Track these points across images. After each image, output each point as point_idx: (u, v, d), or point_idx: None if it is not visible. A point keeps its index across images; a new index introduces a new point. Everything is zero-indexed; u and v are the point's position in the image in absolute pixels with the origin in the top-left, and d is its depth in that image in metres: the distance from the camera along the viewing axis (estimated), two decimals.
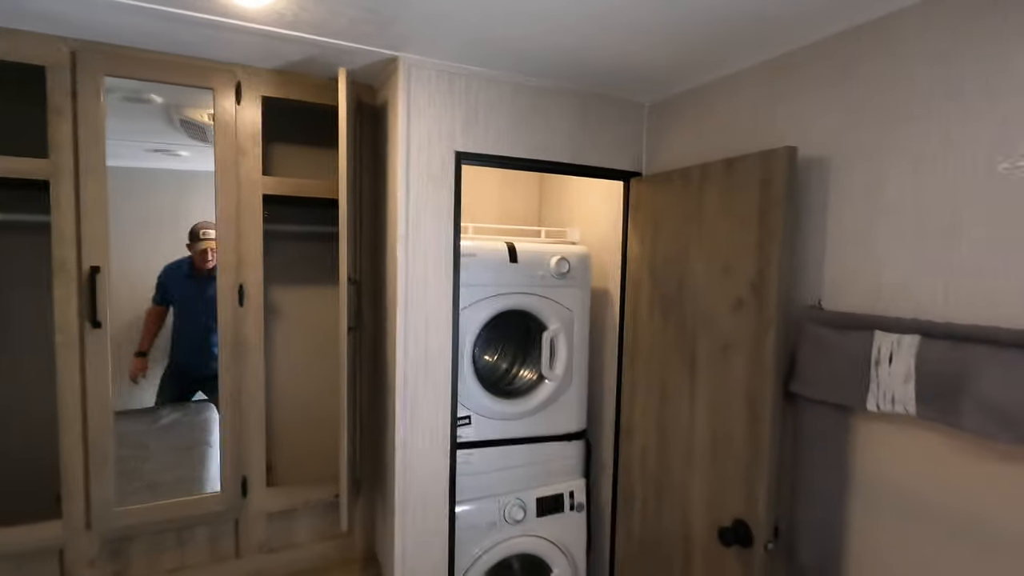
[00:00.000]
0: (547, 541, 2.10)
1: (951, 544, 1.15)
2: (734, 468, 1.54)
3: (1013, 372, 0.99)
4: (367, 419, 2.00)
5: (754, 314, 1.48)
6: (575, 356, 2.15)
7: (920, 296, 1.20)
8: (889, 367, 1.18)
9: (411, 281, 1.70)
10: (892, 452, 1.25)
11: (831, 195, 1.40)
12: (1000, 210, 1.08)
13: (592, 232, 2.35)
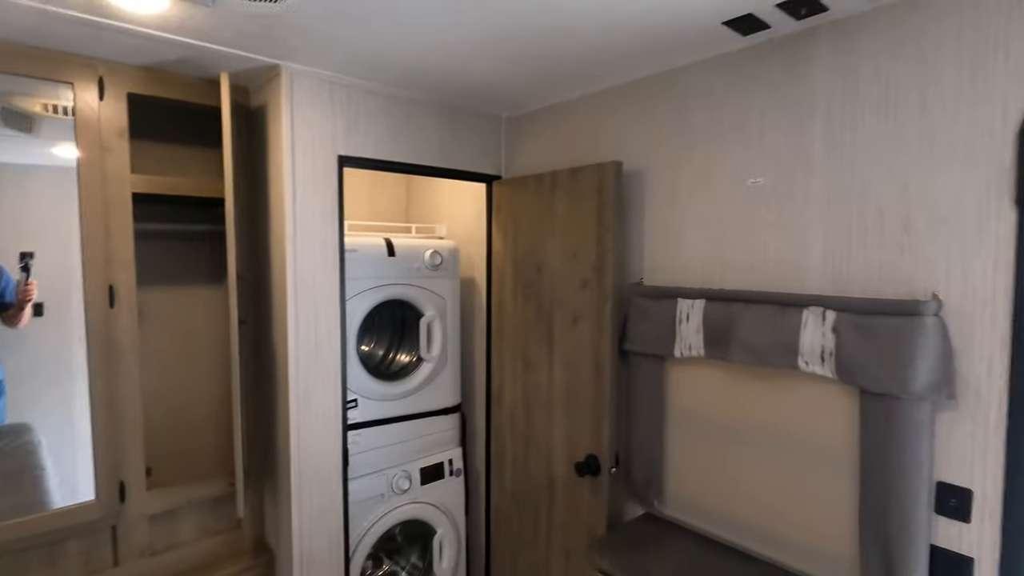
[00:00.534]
0: (431, 506, 2.34)
1: (723, 439, 1.64)
2: (584, 414, 1.94)
3: (757, 320, 1.48)
4: (250, 412, 2.05)
5: (596, 291, 1.88)
6: (449, 339, 2.42)
7: (705, 271, 1.68)
8: (687, 324, 1.65)
9: (300, 276, 1.82)
10: (690, 386, 1.73)
11: (646, 199, 1.85)
12: (748, 212, 1.58)
13: (458, 228, 2.63)
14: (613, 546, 1.67)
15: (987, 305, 1.20)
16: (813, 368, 1.39)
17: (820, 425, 1.44)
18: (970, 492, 1.23)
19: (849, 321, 1.32)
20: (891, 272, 1.32)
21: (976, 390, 1.22)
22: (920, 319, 1.22)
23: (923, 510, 1.26)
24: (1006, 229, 1.17)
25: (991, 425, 1.20)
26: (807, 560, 1.48)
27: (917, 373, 1.22)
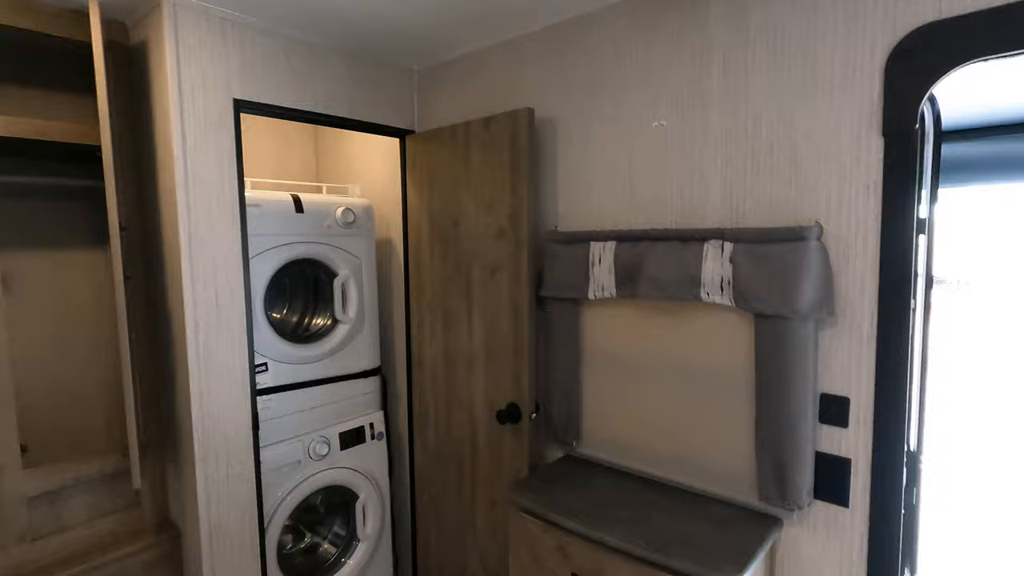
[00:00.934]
0: (352, 470, 2.28)
1: (636, 374, 1.71)
2: (505, 364, 1.95)
3: (663, 257, 1.54)
4: (146, 379, 1.90)
5: (512, 241, 1.89)
6: (366, 300, 2.34)
7: (615, 214, 1.73)
8: (600, 266, 1.69)
9: (195, 230, 1.69)
10: (604, 327, 1.78)
11: (559, 147, 1.86)
12: (654, 155, 1.64)
13: (371, 188, 2.55)
14: (534, 486, 1.71)
15: (860, 229, 1.32)
16: (714, 298, 1.47)
17: (722, 352, 1.53)
18: (847, 400, 1.36)
19: (744, 251, 1.41)
20: (781, 203, 1.42)
21: (851, 307, 1.34)
22: (805, 244, 1.32)
23: (809, 420, 1.38)
24: (875, 158, 1.28)
25: (864, 338, 1.33)
26: (714, 481, 1.59)
27: (802, 294, 1.32)
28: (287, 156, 2.76)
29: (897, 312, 1.29)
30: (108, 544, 1.83)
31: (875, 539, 1.36)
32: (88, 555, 1.77)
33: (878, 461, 1.34)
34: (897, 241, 1.27)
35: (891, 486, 1.33)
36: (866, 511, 1.36)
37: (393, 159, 2.40)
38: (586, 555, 1.47)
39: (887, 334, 1.31)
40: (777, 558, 1.48)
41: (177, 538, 1.91)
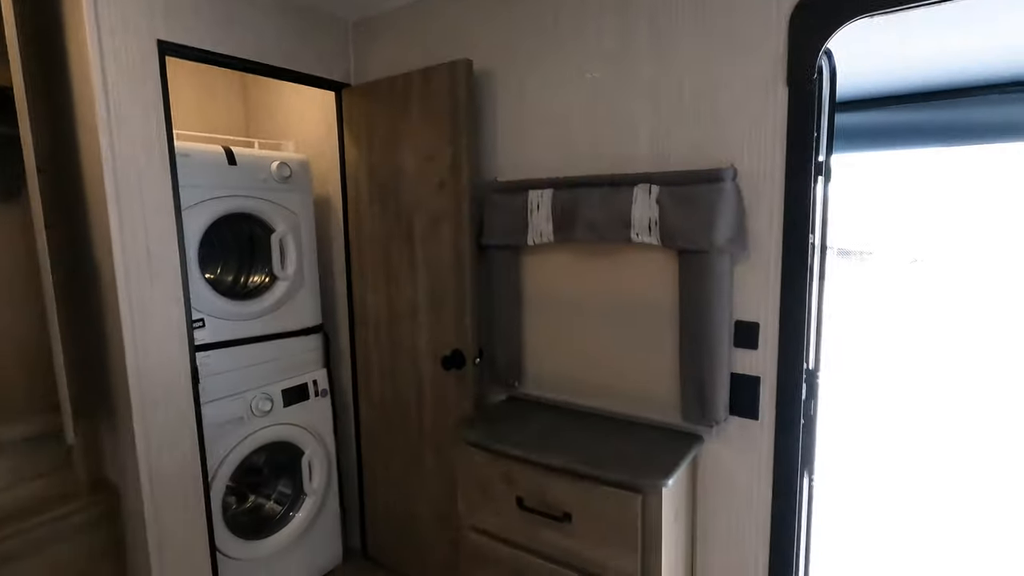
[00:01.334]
0: (297, 427, 2.29)
1: (572, 315, 1.83)
2: (448, 313, 2.01)
3: (597, 201, 1.65)
4: (72, 334, 1.81)
5: (453, 191, 1.93)
6: (305, 257, 2.32)
7: (551, 163, 1.81)
8: (538, 213, 1.77)
9: (122, 177, 1.62)
10: (543, 271, 1.88)
11: (498, 98, 1.92)
12: (587, 106, 1.73)
13: (308, 144, 2.50)
14: (479, 423, 1.80)
15: (768, 171, 1.47)
16: (643, 238, 1.59)
17: (650, 289, 1.67)
18: (757, 325, 1.53)
19: (669, 193, 1.53)
20: (701, 148, 1.55)
21: (761, 243, 1.50)
22: (722, 184, 1.46)
23: (725, 344, 1.54)
24: (780, 106, 1.43)
25: (771, 270, 1.50)
26: (644, 407, 1.74)
27: (720, 230, 1.47)
28: (212, 110, 2.64)
29: (799, 247, 1.46)
30: (34, 509, 1.76)
31: (780, 447, 1.55)
32: (12, 522, 1.70)
33: (782, 379, 1.53)
34: (799, 182, 1.43)
35: (792, 400, 1.52)
36: (772, 423, 1.55)
37: (329, 114, 2.36)
38: (530, 479, 1.58)
39: (790, 267, 1.48)
40: (699, 469, 1.66)
41: (114, 498, 1.86)
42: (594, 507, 1.47)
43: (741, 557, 1.62)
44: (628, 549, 1.43)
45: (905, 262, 14.66)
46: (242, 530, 2.17)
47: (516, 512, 1.61)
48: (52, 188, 1.66)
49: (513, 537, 1.64)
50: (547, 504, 1.54)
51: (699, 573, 1.69)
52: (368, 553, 2.53)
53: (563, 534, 1.54)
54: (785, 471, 1.55)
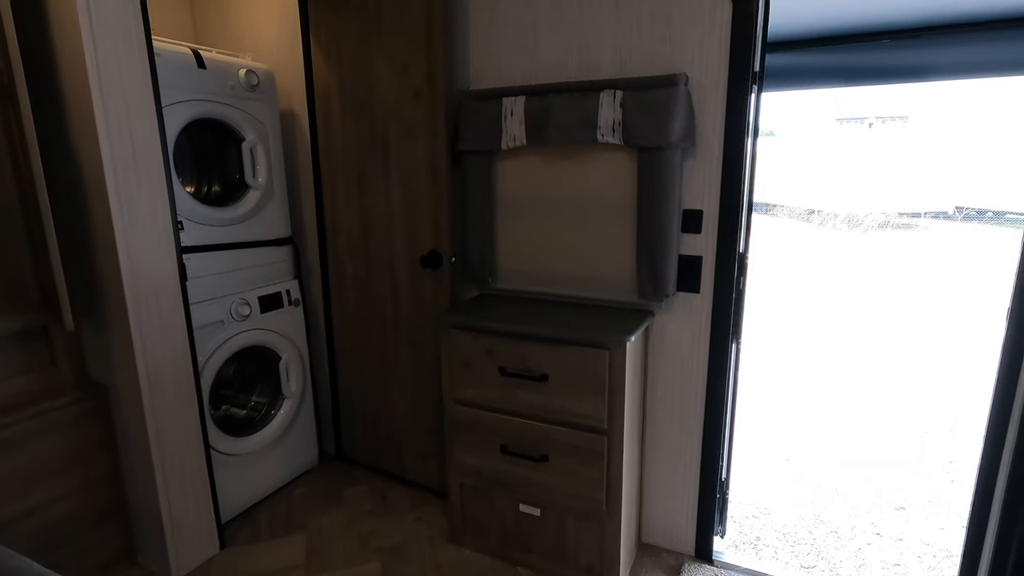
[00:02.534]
0: (273, 332, 2.39)
1: (542, 214, 2.05)
2: (425, 217, 2.17)
3: (567, 106, 1.85)
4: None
5: (429, 101, 2.06)
6: (274, 168, 2.37)
7: (524, 71, 1.98)
8: (512, 118, 1.95)
9: (103, 64, 1.62)
10: (515, 174, 2.07)
11: (471, 11, 2.04)
12: (555, 15, 1.90)
13: (265, 56, 2.49)
14: (459, 311, 2.01)
15: (714, 78, 1.73)
16: (607, 138, 1.82)
17: (612, 185, 1.91)
18: (701, 212, 1.83)
19: (631, 97, 1.76)
20: (658, 57, 1.78)
21: (706, 140, 1.77)
22: (676, 89, 1.71)
23: (675, 229, 1.83)
24: (726, 21, 1.68)
25: (713, 164, 1.78)
26: (607, 289, 2.01)
27: (674, 129, 1.72)
28: (155, 17, 2.53)
29: (737, 145, 1.74)
30: (26, 401, 1.78)
31: (716, 316, 1.88)
32: (5, 412, 1.73)
33: (720, 258, 1.84)
34: (739, 89, 1.70)
35: (727, 277, 1.84)
36: (711, 296, 1.87)
37: (289, 25, 2.37)
38: (511, 350, 1.82)
39: (729, 163, 1.76)
40: (651, 338, 1.97)
41: (103, 394, 1.92)
42: (568, 366, 1.74)
43: (683, 403, 1.96)
44: (597, 396, 1.72)
45: (804, 213, 15.94)
46: (227, 429, 2.28)
47: (497, 380, 1.85)
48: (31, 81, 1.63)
49: (495, 403, 1.89)
50: (527, 368, 1.79)
51: (649, 415, 2.03)
52: (343, 454, 2.71)
53: (540, 393, 1.80)
54: (719, 335, 1.88)
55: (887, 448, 3.10)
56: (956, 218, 15.49)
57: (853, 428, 3.35)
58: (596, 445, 1.75)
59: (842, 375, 4.26)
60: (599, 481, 1.77)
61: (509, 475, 1.92)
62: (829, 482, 2.73)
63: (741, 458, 2.97)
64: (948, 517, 2.43)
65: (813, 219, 15.88)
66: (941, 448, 3.11)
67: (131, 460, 1.94)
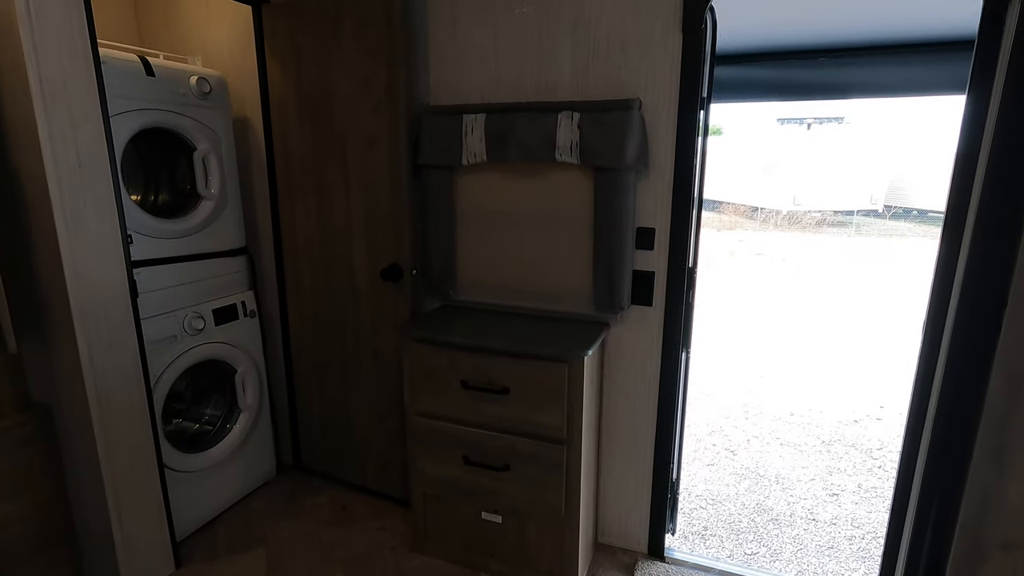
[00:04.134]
0: (228, 345, 2.34)
1: (502, 228, 2.10)
2: (386, 230, 2.18)
3: (527, 125, 1.90)
4: None
5: (389, 114, 2.07)
6: (227, 177, 2.31)
7: (484, 89, 2.02)
8: (472, 135, 1.99)
9: (47, 76, 1.55)
10: (475, 189, 2.11)
11: (431, 26, 2.06)
12: (515, 37, 1.94)
13: (216, 62, 2.42)
14: (421, 324, 2.03)
15: (665, 104, 1.82)
16: (565, 158, 1.88)
17: (570, 202, 1.98)
18: (654, 230, 1.92)
19: (588, 119, 1.83)
20: (614, 81, 1.85)
21: (659, 161, 1.86)
22: (630, 112, 1.78)
23: (629, 246, 1.91)
24: (676, 49, 1.77)
25: (665, 184, 1.87)
26: (565, 302, 2.08)
27: (628, 151, 1.80)
28: (98, 19, 2.42)
29: (687, 166, 1.84)
30: None
31: (667, 327, 1.98)
32: None
33: (671, 273, 1.94)
34: (688, 113, 1.80)
35: (678, 290, 1.95)
36: (662, 308, 1.97)
37: (242, 30, 2.32)
38: (472, 363, 1.87)
39: (680, 183, 1.86)
40: (607, 348, 2.06)
41: (47, 415, 1.84)
42: (528, 379, 1.80)
43: (637, 409, 2.06)
44: (556, 408, 1.79)
45: (748, 210, 16.64)
46: (180, 445, 2.22)
47: (460, 392, 1.90)
48: None
49: (457, 415, 1.93)
50: (489, 381, 1.85)
51: (605, 421, 2.12)
52: (303, 464, 2.69)
53: (501, 405, 1.85)
54: (670, 345, 1.99)
55: (822, 436, 3.34)
56: (885, 216, 16.55)
57: (792, 419, 3.58)
58: (556, 455, 1.82)
59: (783, 367, 4.53)
60: (559, 488, 1.85)
61: (472, 484, 1.97)
62: (770, 471, 2.92)
63: (692, 452, 3.14)
64: (875, 501, 2.66)
65: (756, 216, 16.64)
66: (870, 435, 3.38)
67: (79, 482, 1.87)
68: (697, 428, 3.46)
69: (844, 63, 2.87)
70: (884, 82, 2.96)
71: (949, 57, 2.46)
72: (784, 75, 3.09)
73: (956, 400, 1.44)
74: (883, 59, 2.68)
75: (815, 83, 3.17)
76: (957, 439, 1.42)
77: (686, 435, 3.31)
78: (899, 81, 2.88)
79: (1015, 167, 1.28)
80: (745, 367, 4.58)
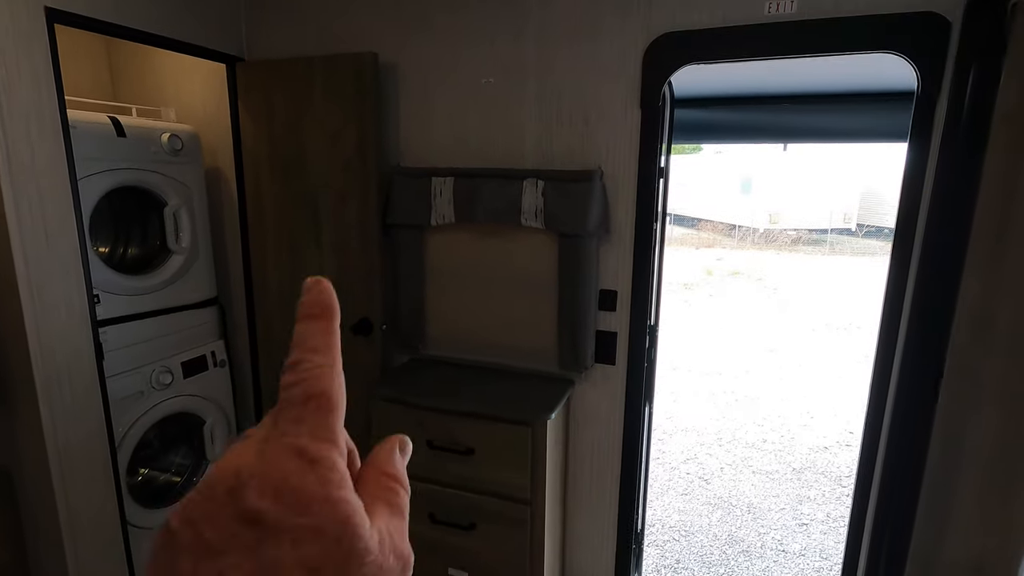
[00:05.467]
0: (197, 397, 2.34)
1: (470, 286, 2.15)
2: (356, 284, 2.21)
3: (493, 190, 1.96)
4: None
5: (360, 172, 2.11)
6: (199, 230, 2.33)
7: (453, 154, 2.08)
8: (441, 197, 2.04)
9: (14, 151, 1.57)
10: (444, 248, 2.16)
11: (401, 92, 2.11)
12: (484, 107, 2.01)
13: (190, 115, 2.45)
14: (391, 381, 2.06)
15: (625, 173, 1.89)
16: (530, 223, 1.94)
17: (535, 263, 2.04)
18: (616, 292, 1.98)
19: (552, 187, 1.89)
20: (576, 152, 1.92)
21: (620, 228, 1.93)
22: (592, 183, 1.85)
23: (592, 308, 1.97)
24: (635, 123, 1.84)
25: (626, 249, 1.94)
26: (531, 359, 2.12)
27: (590, 218, 1.86)
28: (73, 70, 2.44)
29: (646, 232, 1.91)
30: None
31: (630, 384, 2.04)
32: None
33: (633, 333, 2.00)
34: (647, 183, 1.87)
35: (640, 349, 2.01)
36: (625, 367, 2.03)
37: (216, 85, 2.35)
38: (439, 423, 1.90)
39: (640, 247, 1.93)
40: (572, 405, 2.11)
41: (5, 481, 1.82)
42: (494, 440, 1.84)
43: (601, 464, 2.11)
44: (520, 469, 1.83)
45: (726, 228, 16.91)
46: (144, 500, 2.21)
47: (426, 452, 1.93)
48: None
49: (423, 473, 1.96)
50: (455, 442, 1.88)
51: (571, 476, 2.16)
52: None
53: (467, 465, 1.89)
54: (633, 401, 2.05)
55: (793, 464, 3.42)
56: (859, 234, 16.99)
57: (765, 446, 3.67)
58: (520, 514, 1.86)
59: (756, 390, 4.63)
60: (524, 546, 1.88)
61: (438, 541, 1.99)
62: (743, 500, 2.99)
63: (666, 481, 3.19)
64: (843, 531, 2.73)
65: (734, 234, 16.97)
66: (839, 462, 3.47)
67: (39, 547, 1.86)
68: (672, 456, 3.52)
69: (797, 110, 2.99)
70: (831, 128, 3.08)
71: (889, 107, 2.60)
72: (741, 118, 3.19)
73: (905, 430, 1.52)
74: (829, 108, 2.80)
75: (768, 126, 3.28)
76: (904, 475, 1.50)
77: (659, 464, 3.39)
78: (846, 128, 3.01)
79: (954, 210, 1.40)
80: (720, 390, 4.67)
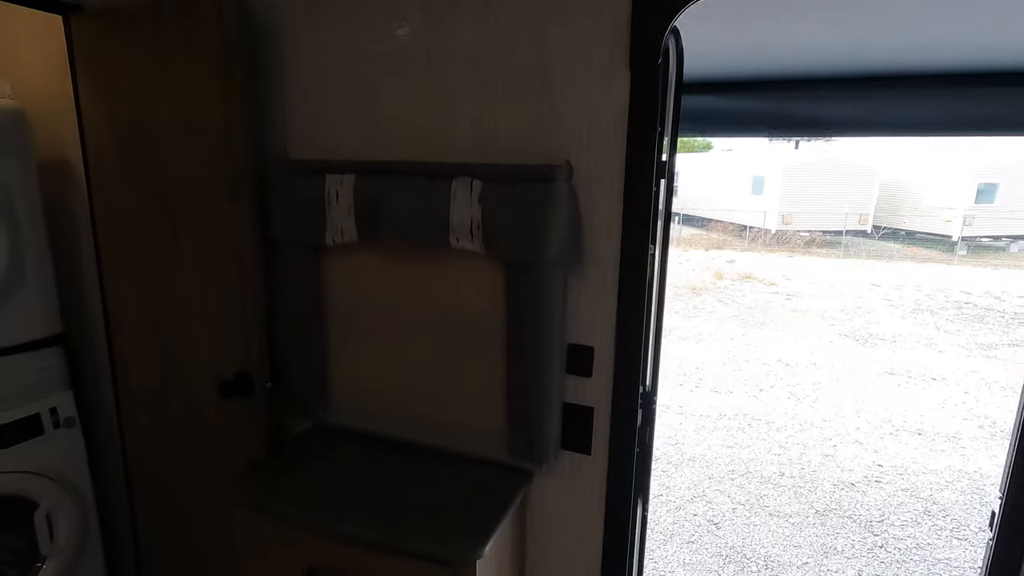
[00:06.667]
0: (24, 473, 1.71)
1: (387, 330, 1.50)
2: (229, 324, 1.57)
3: (407, 195, 1.31)
4: None
5: (228, 168, 1.46)
6: (26, 245, 1.70)
7: (355, 141, 1.43)
8: (338, 204, 1.39)
9: None
10: (350, 277, 1.51)
11: (286, 52, 1.46)
12: (398, 68, 1.35)
13: (29, 85, 1.81)
14: (264, 473, 1.43)
15: (606, 171, 1.23)
16: (463, 244, 1.29)
17: (474, 302, 1.39)
18: (592, 350, 1.33)
19: (494, 191, 1.24)
20: (532, 137, 1.27)
21: (598, 254, 1.28)
22: (553, 185, 1.20)
23: (556, 371, 1.32)
24: (622, 94, 1.18)
25: (608, 287, 1.29)
26: (468, 440, 1.48)
27: (552, 239, 1.21)
28: None
29: (638, 260, 1.25)
30: None
31: (613, 482, 1.38)
32: None
33: (617, 408, 1.35)
34: (640, 186, 1.22)
35: (627, 431, 1.35)
36: (606, 457, 1.37)
37: (55, 47, 1.71)
38: (321, 548, 1.26)
39: (629, 283, 1.27)
40: (528, 510, 1.45)
41: None
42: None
43: None
44: None
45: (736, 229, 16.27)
46: None
47: None
48: None
49: None
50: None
51: None
52: None
53: None
54: (617, 506, 1.39)
55: (815, 504, 2.80)
56: (874, 236, 16.18)
57: (782, 481, 3.03)
58: None
59: (770, 414, 3.98)
60: None
61: None
62: (759, 551, 2.36)
63: (670, 525, 2.59)
64: None
65: (745, 235, 16.17)
66: (868, 502, 2.84)
67: None
68: (677, 492, 2.91)
69: (844, 96, 2.33)
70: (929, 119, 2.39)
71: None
72: (771, 107, 2.55)
73: None
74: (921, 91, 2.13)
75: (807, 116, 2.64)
76: None
77: (662, 503, 2.77)
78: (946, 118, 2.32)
79: None
80: (731, 411, 4.01)
